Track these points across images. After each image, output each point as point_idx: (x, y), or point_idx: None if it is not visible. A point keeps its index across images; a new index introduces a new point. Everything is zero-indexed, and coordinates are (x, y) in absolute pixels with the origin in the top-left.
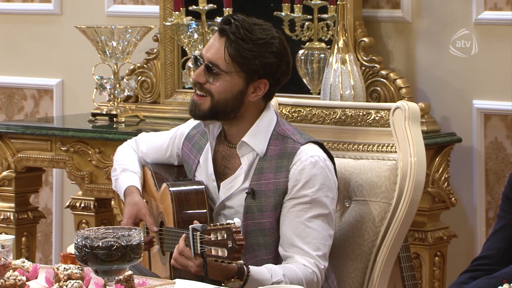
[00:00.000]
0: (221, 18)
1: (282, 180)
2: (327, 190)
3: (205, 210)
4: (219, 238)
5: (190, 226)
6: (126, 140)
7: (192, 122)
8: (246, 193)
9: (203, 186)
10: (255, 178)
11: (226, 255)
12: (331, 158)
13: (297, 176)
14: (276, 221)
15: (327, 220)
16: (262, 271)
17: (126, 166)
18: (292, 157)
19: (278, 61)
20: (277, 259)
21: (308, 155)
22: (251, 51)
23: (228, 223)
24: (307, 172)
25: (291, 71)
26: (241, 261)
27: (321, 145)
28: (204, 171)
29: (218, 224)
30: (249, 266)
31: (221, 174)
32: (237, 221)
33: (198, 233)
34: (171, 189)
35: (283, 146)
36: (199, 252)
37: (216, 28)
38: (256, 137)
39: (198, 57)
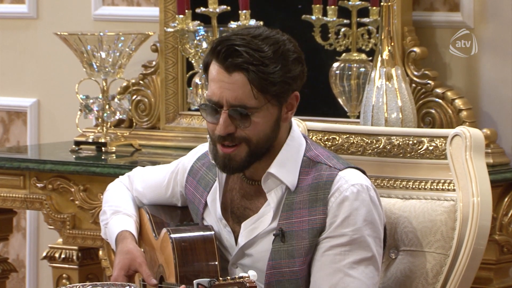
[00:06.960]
0: (209, 48)
1: (319, 216)
2: (371, 228)
3: (216, 263)
4: None
5: (194, 282)
6: (118, 176)
7: (196, 153)
8: (273, 235)
9: (213, 232)
10: (284, 216)
11: None
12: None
13: (335, 211)
14: (310, 266)
15: (371, 265)
16: None
17: (118, 208)
18: (329, 187)
19: (302, 65)
20: None
21: (349, 184)
22: (275, 72)
23: (241, 277)
24: (348, 205)
25: None
26: None
27: (363, 171)
28: (214, 214)
29: (228, 278)
30: None
31: (240, 216)
32: (252, 274)
33: None
34: (173, 235)
35: (317, 175)
36: None
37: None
38: (285, 167)
39: (209, 103)
